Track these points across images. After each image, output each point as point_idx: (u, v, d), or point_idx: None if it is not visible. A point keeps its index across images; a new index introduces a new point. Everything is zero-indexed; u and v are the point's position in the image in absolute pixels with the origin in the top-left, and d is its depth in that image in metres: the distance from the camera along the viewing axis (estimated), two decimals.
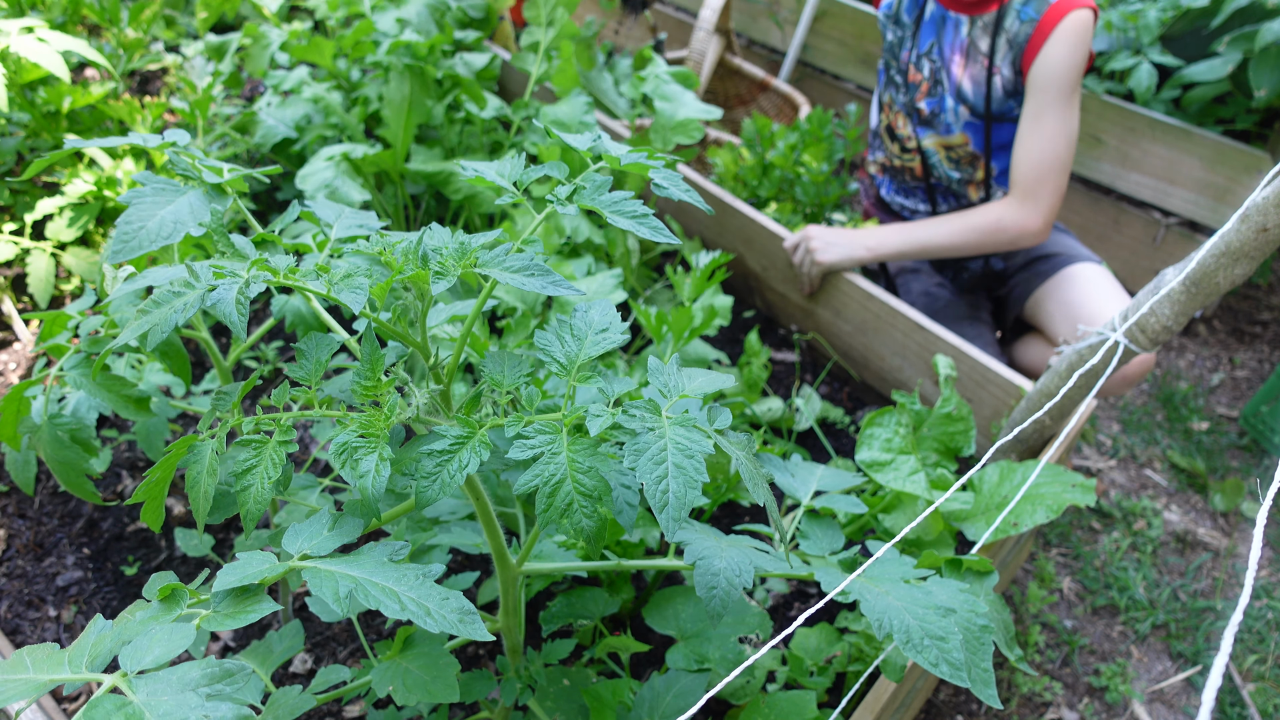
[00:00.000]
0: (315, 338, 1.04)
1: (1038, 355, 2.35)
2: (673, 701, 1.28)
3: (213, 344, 1.42)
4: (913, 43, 2.23)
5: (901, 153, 2.40)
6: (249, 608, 0.83)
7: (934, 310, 2.37)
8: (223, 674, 0.73)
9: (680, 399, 0.95)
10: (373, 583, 0.83)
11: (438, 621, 0.81)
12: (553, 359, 0.96)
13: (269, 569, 0.86)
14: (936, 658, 0.90)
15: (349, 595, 0.83)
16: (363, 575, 0.84)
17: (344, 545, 0.94)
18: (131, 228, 0.93)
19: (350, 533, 0.92)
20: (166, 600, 0.85)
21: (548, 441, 0.89)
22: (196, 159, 1.08)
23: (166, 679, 0.72)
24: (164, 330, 0.82)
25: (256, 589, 0.85)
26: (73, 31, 2.76)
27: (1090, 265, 2.25)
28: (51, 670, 0.76)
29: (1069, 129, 2.02)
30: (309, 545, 0.91)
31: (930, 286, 2.44)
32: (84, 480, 1.31)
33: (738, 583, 0.94)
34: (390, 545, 0.91)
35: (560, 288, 0.89)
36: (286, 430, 0.94)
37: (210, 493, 0.93)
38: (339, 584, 0.83)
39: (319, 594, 0.83)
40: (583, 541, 0.87)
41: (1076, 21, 1.96)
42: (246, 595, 0.84)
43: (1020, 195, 2.09)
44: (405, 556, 0.90)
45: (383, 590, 0.83)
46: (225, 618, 0.82)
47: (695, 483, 0.85)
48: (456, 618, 0.82)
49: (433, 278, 0.91)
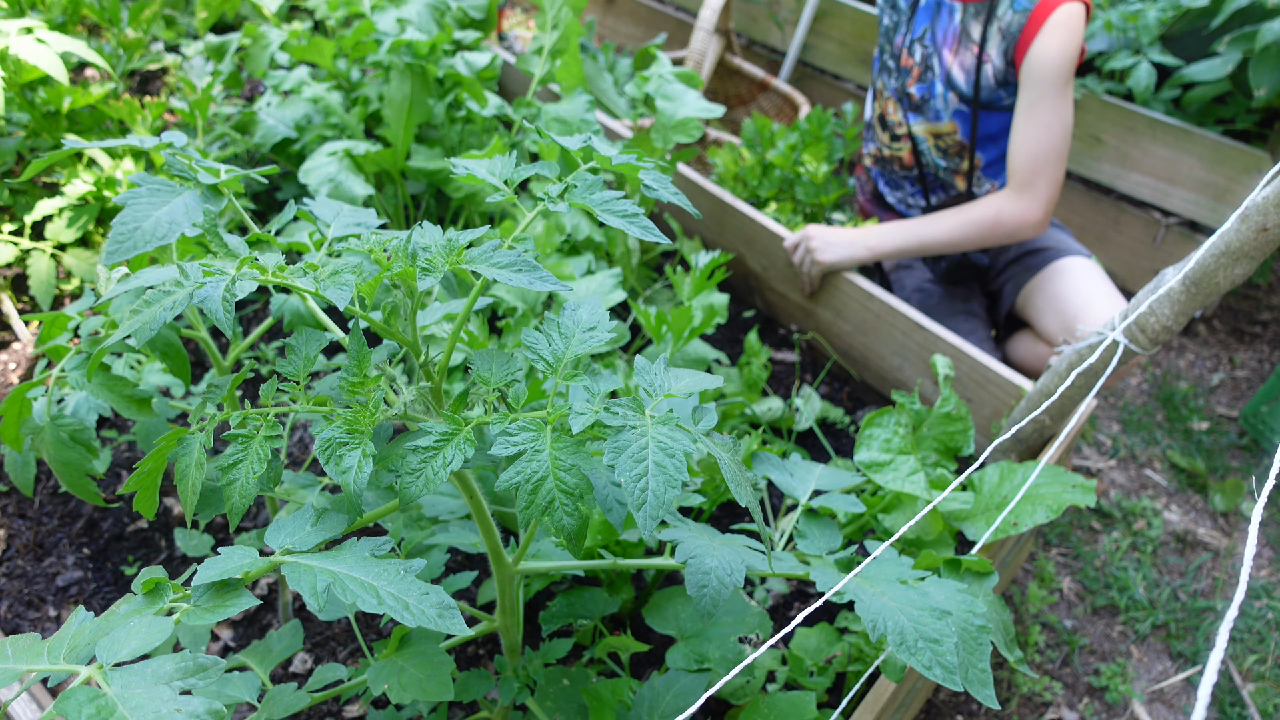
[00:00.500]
0: (305, 333, 1.04)
1: (1029, 351, 2.35)
2: (672, 701, 1.28)
3: (212, 344, 1.42)
4: (907, 27, 2.24)
5: (891, 141, 2.40)
6: (228, 601, 0.83)
7: (928, 306, 2.37)
8: (196, 668, 0.73)
9: (665, 398, 0.95)
10: (351, 577, 0.84)
11: (415, 616, 0.81)
12: (539, 356, 0.97)
13: (249, 563, 0.87)
14: (930, 660, 0.90)
15: (326, 590, 0.83)
16: (342, 570, 0.85)
17: (331, 541, 0.95)
18: (127, 229, 0.93)
19: (334, 528, 0.92)
20: (150, 594, 0.85)
21: (531, 439, 0.89)
22: (193, 159, 1.08)
23: (141, 672, 0.73)
24: (153, 328, 0.82)
25: (237, 583, 0.85)
26: (72, 31, 2.76)
27: (1079, 259, 2.25)
28: (31, 660, 0.77)
29: (1064, 120, 2.02)
30: (291, 540, 0.91)
31: (923, 282, 2.45)
32: (86, 481, 1.31)
33: (729, 581, 0.94)
34: (372, 541, 0.91)
35: (547, 283, 0.89)
36: (272, 425, 0.94)
37: (198, 485, 0.93)
38: (317, 578, 0.83)
39: (297, 588, 0.83)
40: (563, 539, 0.87)
41: (1069, 14, 1.96)
42: (227, 589, 0.85)
43: (1018, 187, 2.09)
44: (387, 552, 0.90)
45: (361, 585, 0.83)
46: (205, 611, 0.82)
47: (675, 481, 0.85)
48: (435, 612, 0.82)
49: (420, 273, 0.91)
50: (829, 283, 2.25)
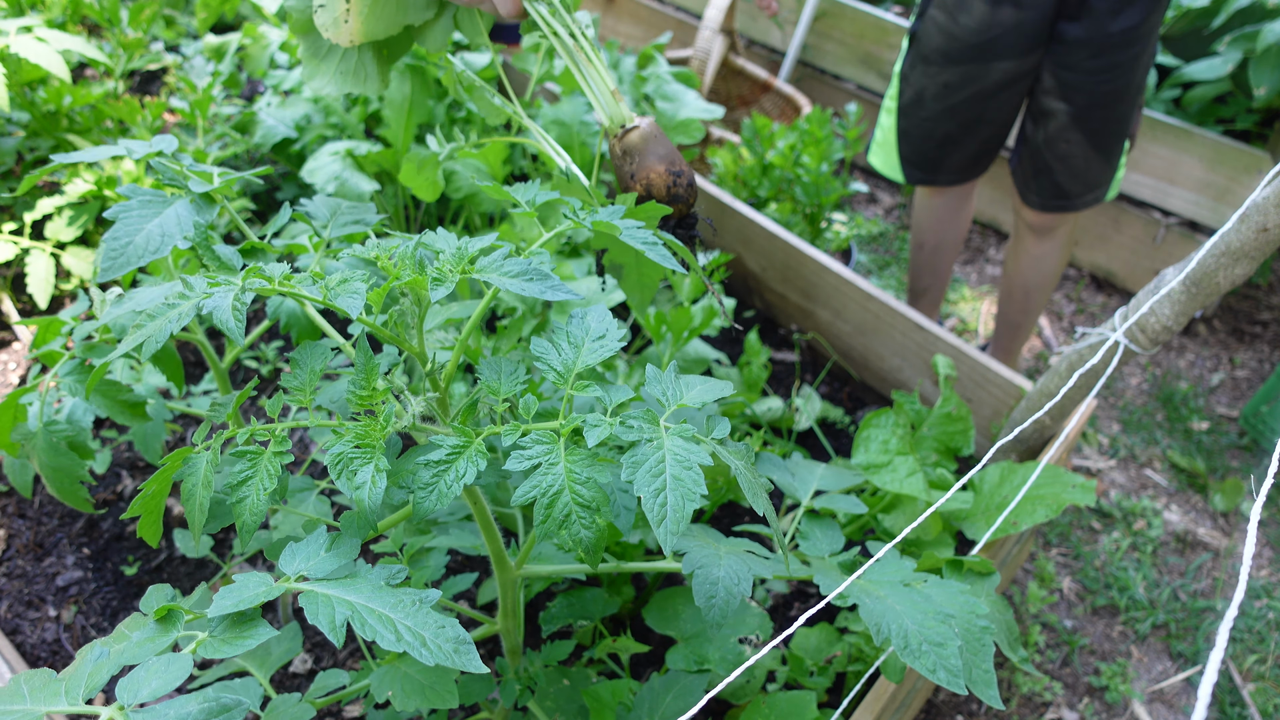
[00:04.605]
0: (309, 347, 1.04)
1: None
2: (672, 702, 1.28)
3: (209, 346, 1.42)
4: None
5: None
6: (246, 633, 0.83)
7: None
8: (220, 709, 0.74)
9: (678, 408, 0.94)
10: (369, 609, 0.83)
11: (433, 653, 0.81)
12: (550, 367, 0.96)
13: (265, 592, 0.86)
14: (934, 664, 0.90)
15: (344, 623, 0.82)
16: (359, 600, 0.84)
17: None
18: (119, 244, 0.92)
19: (348, 553, 0.91)
20: (162, 621, 0.84)
21: (545, 452, 0.89)
22: (185, 166, 1.08)
23: (164, 714, 0.72)
24: (158, 341, 0.81)
25: (253, 614, 0.85)
26: (72, 31, 2.76)
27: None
28: (49, 701, 0.76)
29: None
30: (305, 566, 0.90)
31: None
32: (78, 488, 1.31)
33: (737, 591, 0.93)
34: (388, 569, 0.90)
35: (560, 293, 0.88)
36: (282, 440, 0.93)
37: (205, 505, 0.92)
38: (335, 611, 0.83)
39: (315, 622, 0.82)
40: (581, 552, 0.86)
41: None
42: (243, 621, 0.84)
43: None
44: (403, 580, 0.89)
45: (379, 618, 0.82)
46: (222, 644, 0.82)
47: (694, 495, 0.84)
48: (452, 648, 0.82)
49: (431, 284, 0.90)
50: (829, 283, 2.25)
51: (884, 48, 3.41)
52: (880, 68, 3.43)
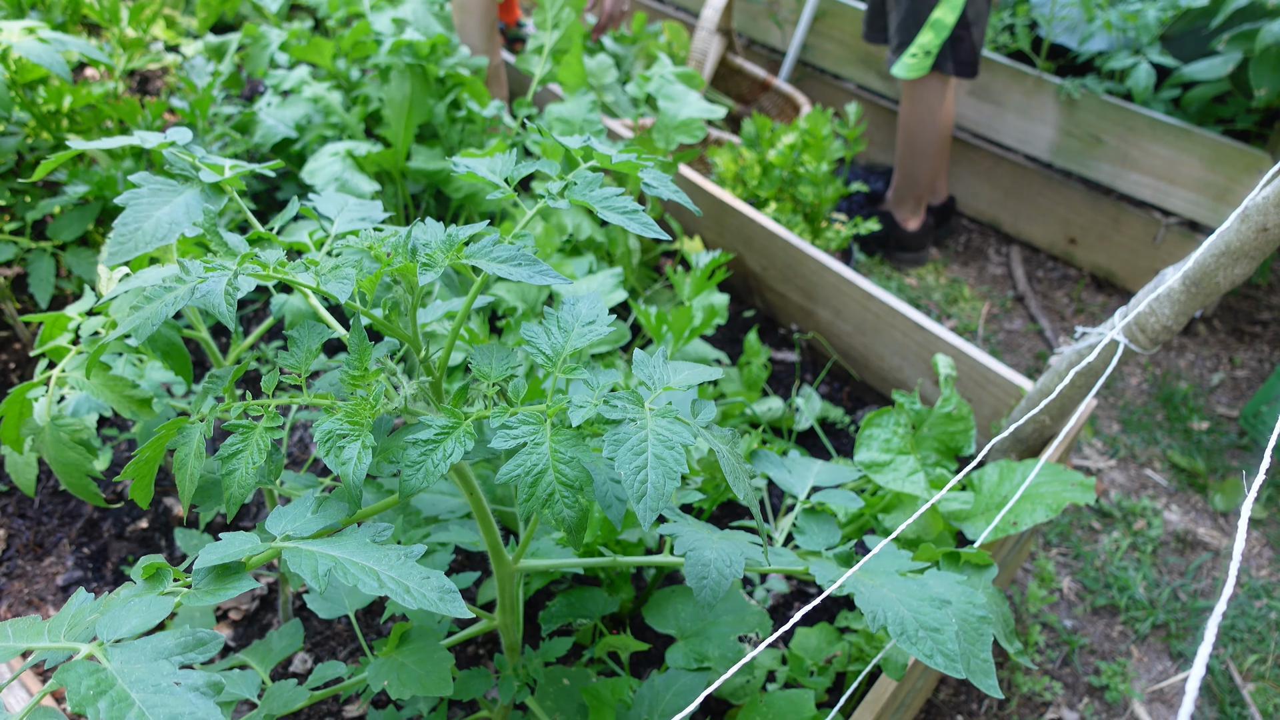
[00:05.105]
0: (307, 325, 1.05)
1: None
2: (672, 700, 1.28)
3: (211, 343, 1.42)
4: None
5: None
6: (229, 584, 0.83)
7: None
8: (195, 642, 0.74)
9: (665, 391, 0.95)
10: (352, 561, 0.84)
11: (416, 599, 0.81)
12: (539, 350, 0.97)
13: (251, 548, 0.87)
14: (931, 649, 0.90)
15: (328, 573, 0.83)
16: (343, 555, 0.85)
17: (331, 530, 0.95)
18: (128, 229, 0.93)
19: (334, 516, 0.92)
20: (150, 579, 0.85)
21: (531, 432, 0.90)
22: (197, 157, 1.08)
23: (141, 647, 0.73)
24: (154, 323, 0.82)
25: (238, 567, 0.85)
26: (73, 31, 2.76)
27: None
28: (30, 639, 0.77)
29: None
30: (292, 527, 0.91)
31: None
32: (87, 481, 1.31)
33: (728, 572, 0.94)
34: (374, 527, 0.91)
35: (546, 277, 0.89)
36: (273, 416, 0.94)
37: (196, 474, 0.93)
38: (318, 562, 0.83)
39: (298, 571, 0.83)
40: (564, 532, 0.87)
41: None
42: (228, 573, 0.85)
43: None
44: (388, 539, 0.90)
45: (362, 569, 0.83)
46: (205, 594, 0.83)
47: (674, 474, 0.85)
48: (436, 595, 0.82)
49: (420, 269, 0.91)
50: (829, 283, 2.25)
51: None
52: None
